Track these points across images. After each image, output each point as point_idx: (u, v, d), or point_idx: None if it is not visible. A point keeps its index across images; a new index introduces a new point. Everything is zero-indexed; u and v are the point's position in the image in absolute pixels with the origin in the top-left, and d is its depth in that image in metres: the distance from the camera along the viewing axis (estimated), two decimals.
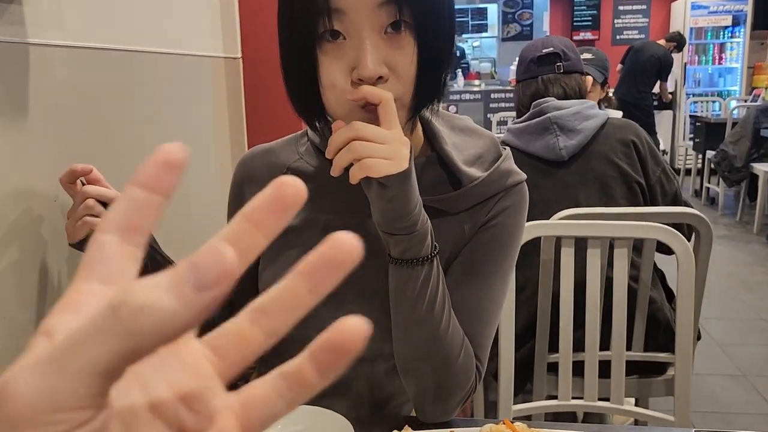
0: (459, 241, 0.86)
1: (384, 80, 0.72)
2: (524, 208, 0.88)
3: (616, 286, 1.36)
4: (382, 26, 0.71)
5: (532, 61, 1.73)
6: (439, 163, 0.87)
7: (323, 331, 0.24)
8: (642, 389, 1.65)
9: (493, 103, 7.26)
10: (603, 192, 1.61)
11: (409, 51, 0.72)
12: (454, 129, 0.90)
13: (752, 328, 3.17)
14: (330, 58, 0.72)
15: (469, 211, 0.86)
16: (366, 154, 0.68)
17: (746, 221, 5.11)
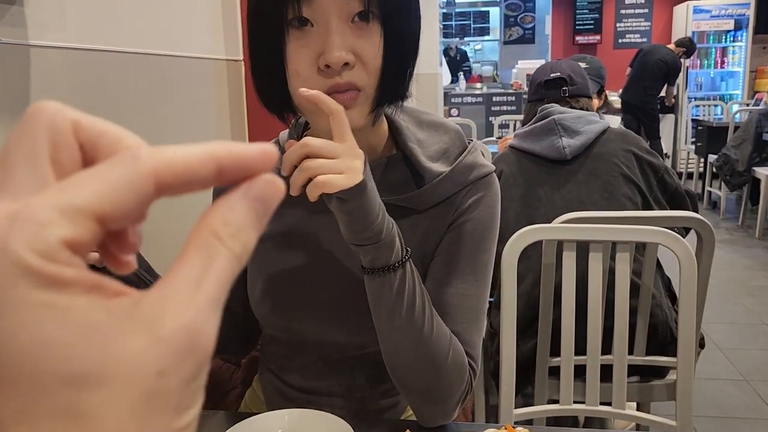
0: (429, 238, 0.86)
1: (350, 67, 0.72)
2: (495, 200, 0.88)
3: (618, 290, 1.36)
4: (350, 14, 0.71)
5: (540, 84, 1.85)
6: (404, 160, 0.87)
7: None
8: (644, 393, 1.64)
9: (494, 106, 7.27)
10: (605, 190, 1.64)
11: (375, 41, 0.73)
12: (421, 124, 0.90)
13: (754, 333, 3.16)
14: (297, 46, 0.72)
15: (437, 207, 0.86)
16: (319, 171, 0.66)
17: (748, 225, 5.10)
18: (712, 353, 2.89)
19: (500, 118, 5.19)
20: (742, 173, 4.88)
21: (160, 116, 1.19)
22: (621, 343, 1.38)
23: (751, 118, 4.88)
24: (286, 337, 0.96)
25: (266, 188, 0.23)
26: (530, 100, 1.90)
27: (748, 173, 4.86)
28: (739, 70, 7.42)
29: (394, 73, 0.76)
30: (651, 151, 1.70)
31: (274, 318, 0.94)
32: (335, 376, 0.95)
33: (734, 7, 7.27)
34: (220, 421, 0.89)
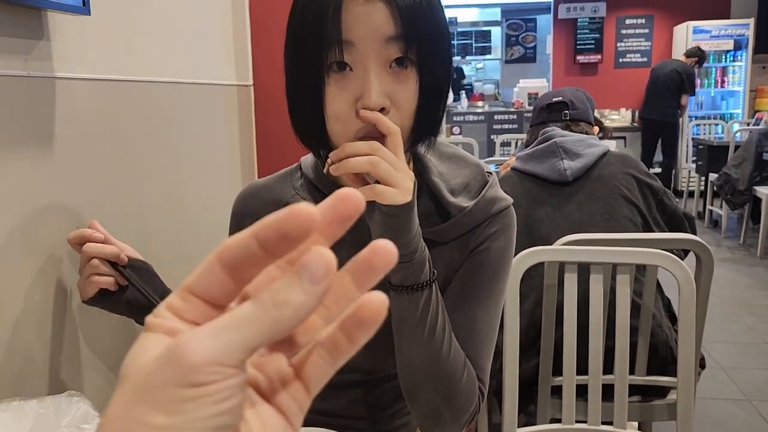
0: (450, 267, 0.88)
1: (386, 112, 0.74)
2: (512, 231, 0.91)
3: (619, 310, 1.39)
4: (387, 60, 0.73)
5: (542, 109, 1.91)
6: (428, 194, 0.89)
7: None
8: (645, 413, 1.66)
9: (496, 125, 7.32)
10: (606, 211, 1.67)
11: (411, 86, 0.75)
12: (442, 157, 0.93)
13: (756, 352, 3.17)
14: (336, 88, 0.74)
15: (459, 239, 0.88)
16: (383, 174, 0.70)
17: (750, 244, 5.12)
18: (714, 372, 2.91)
19: (502, 136, 5.23)
20: (742, 192, 4.91)
21: (176, 140, 1.23)
22: (622, 363, 1.40)
23: (751, 138, 4.92)
24: None
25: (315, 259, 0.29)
26: (533, 124, 1.95)
27: (748, 192, 4.89)
28: (739, 90, 7.48)
29: (428, 115, 0.78)
30: (650, 174, 1.74)
31: None
32: (347, 397, 0.97)
33: (734, 27, 7.34)
34: None
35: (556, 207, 1.72)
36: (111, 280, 0.88)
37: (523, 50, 9.50)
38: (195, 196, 1.31)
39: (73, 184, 0.93)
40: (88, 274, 0.87)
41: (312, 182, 0.91)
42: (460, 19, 9.37)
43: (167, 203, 1.19)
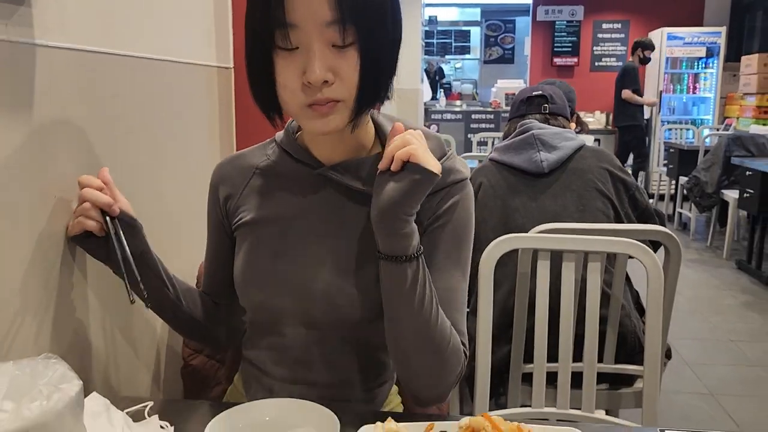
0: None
1: (329, 84, 0.83)
2: (471, 203, 0.99)
3: (589, 299, 1.42)
4: (329, 41, 0.82)
5: (522, 102, 1.94)
6: None
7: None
8: (612, 400, 1.70)
9: (473, 124, 7.38)
10: (580, 203, 1.70)
11: (352, 61, 0.84)
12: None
13: (720, 349, 3.25)
14: (285, 63, 0.84)
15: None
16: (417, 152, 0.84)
17: (716, 246, 5.24)
18: (679, 368, 2.98)
19: (479, 135, 5.28)
20: (711, 195, 5.03)
21: (156, 118, 1.23)
22: (591, 351, 1.44)
23: (720, 143, 5.04)
24: (271, 323, 1.00)
25: None
26: (511, 117, 1.97)
27: (717, 195, 5.00)
28: (710, 96, 7.65)
29: (372, 84, 0.87)
30: (623, 169, 1.78)
31: (260, 301, 0.98)
32: (318, 367, 0.99)
33: (706, 35, 7.51)
34: (207, 410, 0.92)
35: (532, 198, 1.75)
36: (95, 225, 0.94)
37: (502, 51, 9.58)
38: (172, 175, 1.31)
39: (49, 151, 0.92)
40: (78, 215, 0.93)
41: (282, 147, 1.00)
42: (440, 18, 9.42)
43: (144, 179, 1.19)
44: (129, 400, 0.92)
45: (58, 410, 0.62)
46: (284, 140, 1.01)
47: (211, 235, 1.08)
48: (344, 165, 0.95)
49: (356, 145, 0.97)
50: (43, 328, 0.92)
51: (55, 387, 0.64)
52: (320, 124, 0.86)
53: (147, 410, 0.89)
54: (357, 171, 0.95)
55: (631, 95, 6.51)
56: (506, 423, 0.76)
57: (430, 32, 9.16)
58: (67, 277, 0.97)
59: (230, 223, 1.03)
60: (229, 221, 1.03)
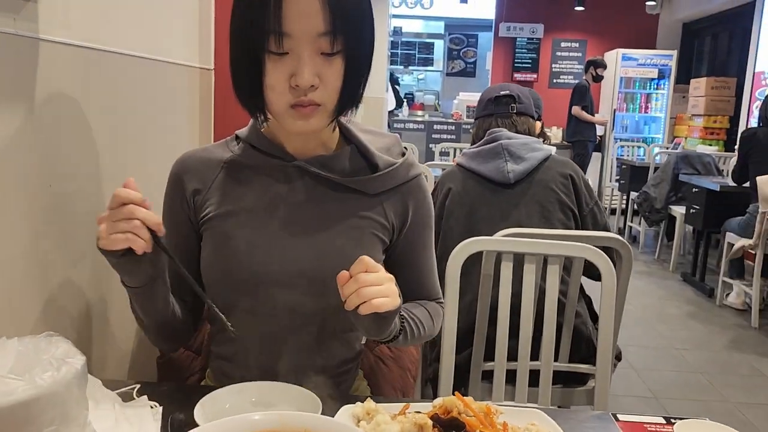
0: (383, 219, 1.06)
1: (315, 88, 0.90)
2: (428, 194, 1.12)
3: (548, 300, 1.51)
4: (319, 49, 0.89)
5: (489, 100, 1.96)
6: (358, 153, 1.06)
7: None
8: (565, 398, 1.80)
9: (435, 134, 7.51)
10: (542, 215, 1.78)
11: (337, 68, 0.91)
12: (362, 130, 1.10)
13: (665, 356, 3.42)
14: (274, 66, 0.89)
15: (384, 194, 1.07)
16: (371, 296, 0.84)
17: (663, 259, 5.48)
18: (627, 372, 3.12)
19: (440, 145, 5.39)
20: (659, 210, 5.26)
21: (142, 114, 1.26)
22: (548, 350, 1.53)
23: (669, 161, 5.27)
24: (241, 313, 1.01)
25: None
26: (478, 117, 1.99)
27: (665, 211, 5.24)
28: (661, 116, 7.98)
29: (351, 90, 0.95)
30: (587, 182, 1.86)
31: (230, 292, 1.01)
32: (290, 356, 1.04)
33: (659, 57, 7.84)
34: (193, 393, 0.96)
35: (497, 207, 1.82)
36: (144, 244, 0.86)
37: (464, 64, 9.77)
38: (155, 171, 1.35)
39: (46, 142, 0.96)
40: (124, 230, 0.84)
41: (251, 144, 1.04)
42: (405, 29, 9.55)
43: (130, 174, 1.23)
44: (114, 383, 0.96)
45: (68, 380, 0.67)
46: (250, 136, 1.04)
47: (174, 231, 1.02)
48: (318, 160, 1.02)
49: (322, 142, 1.05)
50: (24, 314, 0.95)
51: (63, 360, 0.69)
52: (302, 125, 0.93)
53: (135, 392, 0.93)
54: (332, 165, 1.03)
55: (579, 111, 6.71)
56: (476, 402, 0.83)
57: (395, 43, 9.28)
58: (52, 266, 1.00)
59: (198, 217, 1.03)
60: (197, 216, 1.03)
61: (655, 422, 0.93)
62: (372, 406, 0.85)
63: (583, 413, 1.00)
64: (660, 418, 0.95)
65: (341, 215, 1.03)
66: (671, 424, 0.93)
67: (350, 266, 0.92)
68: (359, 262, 0.86)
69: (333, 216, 1.03)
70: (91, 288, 1.12)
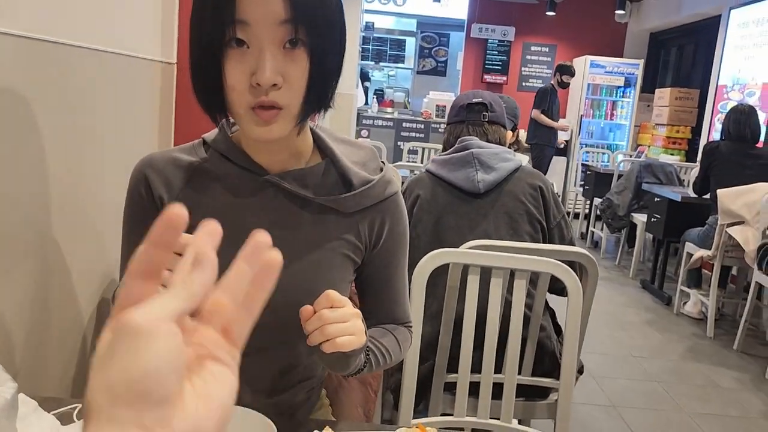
0: (356, 238, 1.01)
1: (277, 87, 0.82)
2: (405, 212, 1.08)
3: (514, 314, 1.49)
4: (281, 41, 0.81)
5: (462, 107, 1.92)
6: (333, 166, 1.00)
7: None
8: (527, 411, 1.78)
9: (404, 132, 7.48)
10: (510, 226, 1.76)
11: (302, 65, 0.83)
12: (337, 140, 1.03)
13: (623, 363, 3.46)
14: (234, 63, 0.82)
15: (359, 213, 1.00)
16: (335, 334, 0.81)
17: (624, 265, 5.56)
18: (585, 380, 3.14)
19: (409, 143, 5.37)
20: (622, 218, 5.34)
21: (99, 109, 1.19)
22: (513, 364, 1.51)
23: (633, 169, 5.35)
24: None
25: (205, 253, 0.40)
26: (450, 122, 1.97)
27: (627, 218, 5.31)
28: (625, 123, 8.11)
29: (317, 91, 0.87)
30: (555, 195, 1.85)
31: None
32: (254, 373, 0.99)
33: (626, 66, 7.97)
34: None
35: (465, 217, 1.80)
36: None
37: (435, 63, 9.77)
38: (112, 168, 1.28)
39: None
40: None
41: (221, 153, 0.97)
42: (377, 25, 9.49)
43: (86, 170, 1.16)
44: (55, 401, 0.89)
45: None
46: (219, 142, 0.97)
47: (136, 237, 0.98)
48: (291, 174, 0.96)
49: (295, 153, 0.97)
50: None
51: None
52: (263, 132, 0.85)
53: (75, 413, 0.87)
54: (304, 180, 0.97)
55: (538, 115, 6.66)
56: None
57: (367, 38, 9.21)
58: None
59: None
60: None
61: None
62: None
63: None
64: None
65: (313, 236, 0.97)
66: None
67: (319, 290, 0.87)
68: (325, 297, 0.82)
69: (304, 237, 0.97)
70: (29, 296, 1.04)
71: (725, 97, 5.99)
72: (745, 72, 5.69)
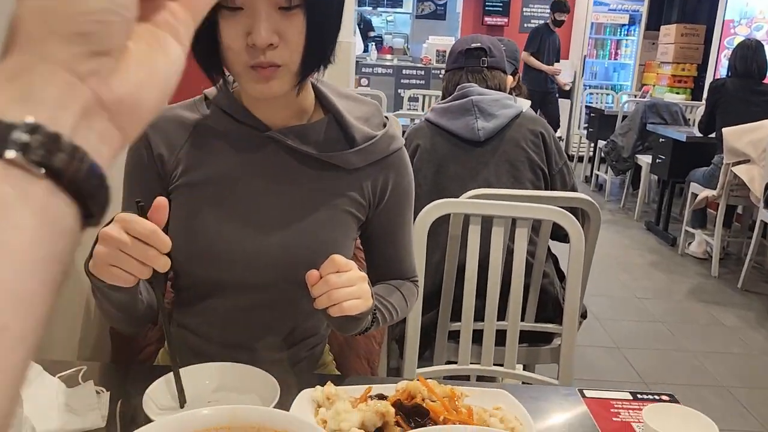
0: (360, 195, 1.00)
1: (274, 47, 0.82)
2: (409, 169, 1.07)
3: (516, 262, 1.49)
4: (275, 2, 0.81)
5: (460, 53, 1.87)
6: (335, 122, 0.99)
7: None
8: (531, 357, 1.81)
9: (404, 79, 7.35)
10: (511, 174, 1.75)
11: (298, 24, 0.83)
12: (340, 96, 1.02)
13: (627, 306, 3.49)
14: (229, 24, 0.82)
15: (363, 170, 0.99)
16: (342, 299, 0.82)
17: (628, 208, 5.55)
18: (590, 323, 3.17)
19: (410, 91, 5.28)
20: (626, 160, 5.29)
21: None
22: (515, 311, 1.52)
23: (637, 109, 5.27)
24: (212, 290, 0.99)
25: None
26: (449, 69, 1.92)
27: (632, 160, 5.27)
28: (630, 63, 7.95)
29: (316, 49, 0.86)
30: (557, 141, 1.82)
31: (205, 272, 0.96)
32: (258, 329, 1.00)
33: (630, 3, 7.75)
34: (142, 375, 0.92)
35: (466, 166, 1.77)
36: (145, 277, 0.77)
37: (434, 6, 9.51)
38: None
39: None
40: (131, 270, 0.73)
41: (223, 109, 0.97)
42: None
43: None
44: (60, 364, 0.90)
45: None
46: (220, 99, 0.97)
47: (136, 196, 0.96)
48: (293, 130, 0.95)
49: (298, 109, 0.97)
50: None
51: None
52: (262, 88, 0.86)
53: (81, 375, 0.88)
54: (306, 137, 0.96)
55: (527, 57, 6.38)
56: (441, 386, 0.80)
57: None
58: None
59: (166, 184, 0.97)
60: (166, 182, 0.97)
61: (622, 398, 0.92)
62: (332, 390, 0.81)
63: (550, 390, 0.98)
64: (626, 393, 0.94)
65: (315, 193, 0.97)
66: (637, 399, 0.92)
67: (321, 248, 0.89)
68: (330, 262, 0.82)
69: (307, 193, 0.97)
70: None
71: (732, 32, 5.84)
72: (753, 5, 5.53)
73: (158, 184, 0.97)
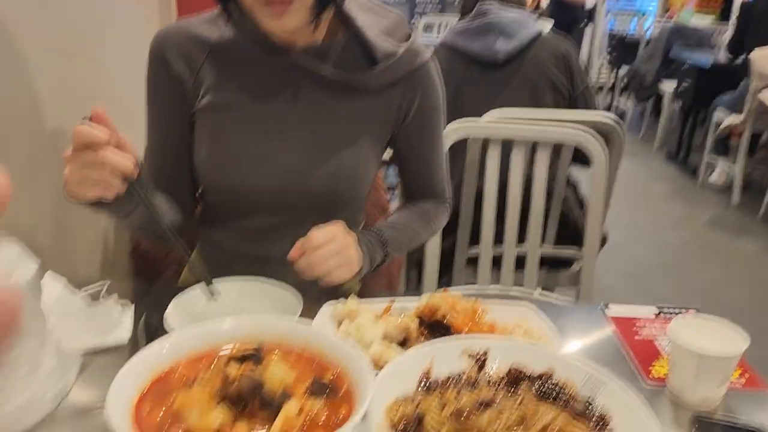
0: (385, 117, 0.99)
1: None
2: (437, 83, 1.03)
3: (536, 187, 1.46)
4: None
5: None
6: (354, 40, 0.96)
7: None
8: (550, 280, 1.80)
9: (418, 7, 7.11)
10: (532, 96, 1.70)
11: None
12: (362, 8, 0.98)
13: (643, 234, 3.47)
14: None
15: (386, 91, 0.97)
16: (325, 273, 0.84)
17: (648, 139, 5.43)
18: (608, 250, 3.13)
19: (425, 19, 5.11)
20: (649, 87, 5.14)
21: None
22: (536, 234, 1.50)
23: (661, 35, 5.07)
24: (239, 205, 1.00)
25: None
26: None
27: (654, 87, 5.11)
28: None
29: None
30: (580, 62, 1.75)
31: (231, 184, 0.96)
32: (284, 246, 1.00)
33: None
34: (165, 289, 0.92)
35: (484, 88, 1.72)
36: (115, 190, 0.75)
37: None
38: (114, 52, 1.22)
39: None
40: (94, 179, 0.73)
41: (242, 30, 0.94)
42: None
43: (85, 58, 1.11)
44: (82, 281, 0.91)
45: None
46: (239, 19, 0.94)
47: (159, 118, 0.98)
48: (312, 51, 0.93)
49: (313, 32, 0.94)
50: None
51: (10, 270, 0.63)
52: (276, 24, 0.85)
53: (104, 290, 0.88)
54: (325, 57, 0.94)
55: None
56: (463, 300, 0.79)
57: None
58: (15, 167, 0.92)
59: (191, 103, 0.96)
60: (189, 102, 0.96)
61: (645, 317, 0.91)
62: (354, 306, 0.81)
63: (572, 307, 0.98)
64: (650, 309, 0.93)
65: (338, 115, 0.97)
66: (660, 316, 0.91)
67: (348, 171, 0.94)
68: (307, 240, 0.84)
69: (330, 116, 0.96)
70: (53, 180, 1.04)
71: None
72: None
73: (182, 102, 0.96)
